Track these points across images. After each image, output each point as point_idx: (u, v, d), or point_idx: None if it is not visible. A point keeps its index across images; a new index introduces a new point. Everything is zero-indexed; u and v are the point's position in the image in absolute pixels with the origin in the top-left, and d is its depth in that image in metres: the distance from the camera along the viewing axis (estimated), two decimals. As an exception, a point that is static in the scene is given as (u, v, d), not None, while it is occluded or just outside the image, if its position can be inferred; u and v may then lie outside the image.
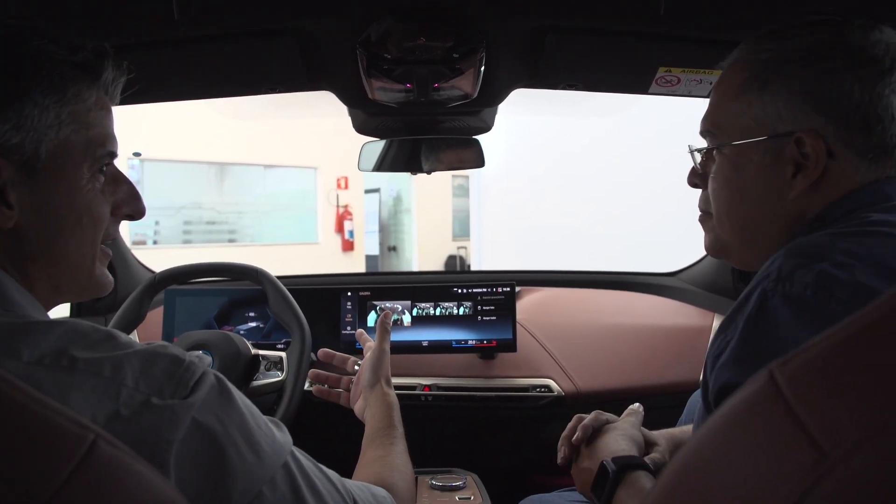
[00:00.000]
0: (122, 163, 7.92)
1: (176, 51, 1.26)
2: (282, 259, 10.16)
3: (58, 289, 0.75)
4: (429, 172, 1.75)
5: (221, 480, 0.63)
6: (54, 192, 0.71)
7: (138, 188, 0.82)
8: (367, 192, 12.35)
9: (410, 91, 1.39)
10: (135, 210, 0.81)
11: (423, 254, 12.74)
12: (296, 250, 11.09)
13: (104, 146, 0.75)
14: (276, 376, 1.61)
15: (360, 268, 12.12)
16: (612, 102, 1.56)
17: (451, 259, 12.76)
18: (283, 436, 0.72)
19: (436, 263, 12.76)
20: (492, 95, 1.49)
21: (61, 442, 0.48)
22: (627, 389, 1.79)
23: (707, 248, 1.01)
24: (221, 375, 0.69)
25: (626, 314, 2.08)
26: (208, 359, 0.70)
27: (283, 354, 1.64)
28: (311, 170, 11.21)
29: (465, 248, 12.33)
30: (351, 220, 11.77)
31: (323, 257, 11.36)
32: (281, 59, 1.32)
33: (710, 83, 1.35)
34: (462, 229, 12.42)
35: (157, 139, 9.45)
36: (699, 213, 1.01)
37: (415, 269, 12.66)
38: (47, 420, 0.48)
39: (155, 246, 10.46)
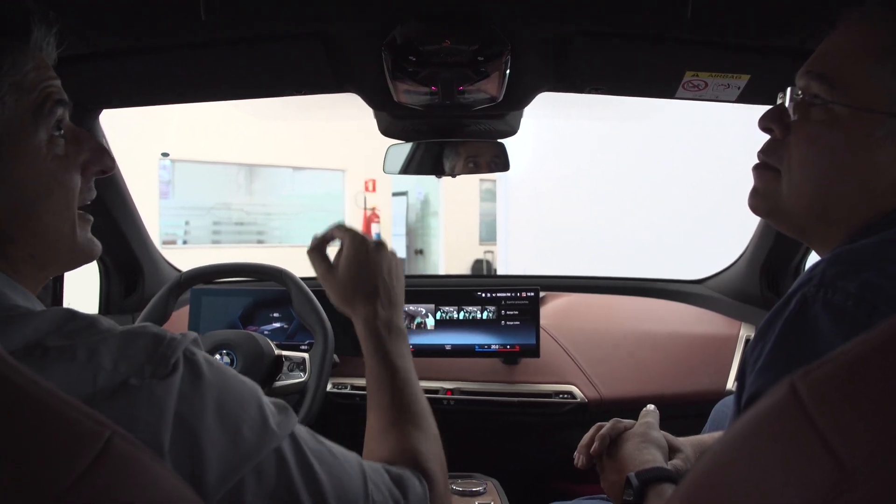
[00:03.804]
0: (152, 163, 8.00)
1: (202, 52, 1.27)
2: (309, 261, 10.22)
3: (43, 265, 0.74)
4: (453, 176, 1.74)
5: (196, 464, 0.60)
6: (15, 168, 0.68)
7: (169, 188, 0.79)
8: (394, 194, 12.39)
9: (435, 94, 1.39)
10: (104, 166, 0.78)
11: (449, 257, 12.73)
12: (323, 252, 11.13)
13: (49, 100, 0.71)
14: (299, 377, 1.62)
15: (387, 270, 12.12)
16: (642, 106, 1.55)
17: (478, 263, 12.74)
18: (281, 419, 0.67)
19: (462, 267, 12.74)
20: (517, 99, 1.48)
21: (77, 437, 0.48)
22: (651, 397, 1.75)
23: (754, 206, 0.88)
24: (206, 356, 0.66)
25: (652, 321, 2.05)
26: (193, 335, 0.66)
27: (305, 356, 1.64)
28: (338, 172, 11.26)
29: (491, 252, 12.30)
30: (378, 222, 11.80)
31: (350, 259, 11.38)
32: (306, 62, 1.32)
33: (738, 88, 1.33)
34: (489, 233, 12.39)
35: (188, 140, 9.57)
36: (757, 161, 0.88)
37: (441, 272, 12.66)
38: (64, 415, 0.48)
39: (185, 245, 10.58)
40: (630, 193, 6.62)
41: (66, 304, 1.91)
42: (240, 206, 10.99)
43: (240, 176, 11.02)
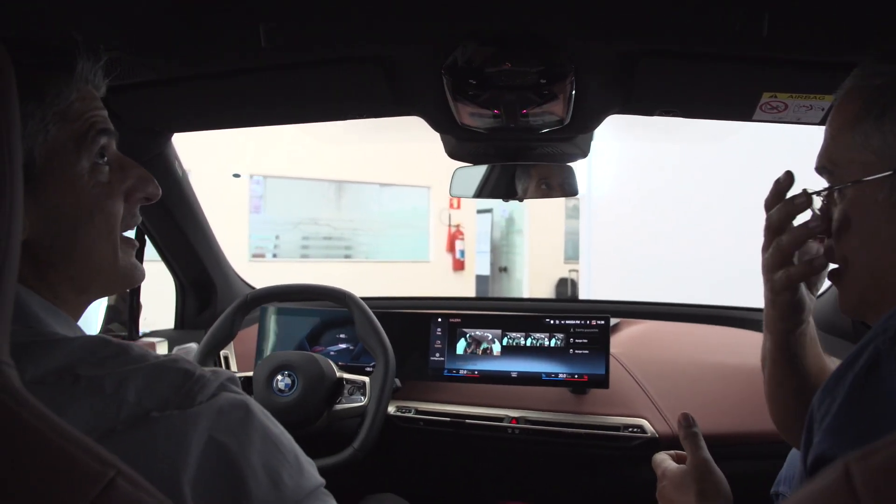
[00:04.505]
0: (244, 179, 8.30)
1: (263, 77, 1.29)
2: (394, 277, 10.36)
3: (84, 289, 0.75)
4: (521, 200, 1.71)
5: (239, 500, 0.61)
6: (58, 195, 0.70)
7: (261, 203, 0.80)
8: (479, 211, 12.40)
9: (498, 117, 1.36)
10: (149, 193, 0.80)
11: (534, 276, 12.62)
12: (408, 268, 11.26)
13: (93, 129, 0.73)
14: (359, 401, 1.61)
15: (471, 287, 12.15)
16: (728, 124, 1.47)
17: (563, 282, 12.57)
18: (311, 471, 0.70)
19: (547, 285, 12.61)
20: (585, 121, 1.43)
21: (80, 477, 0.47)
22: (728, 435, 1.67)
23: (843, 309, 0.87)
24: (248, 397, 0.67)
25: (732, 353, 1.94)
26: (229, 373, 0.67)
27: (366, 379, 1.63)
28: (424, 189, 11.36)
29: (576, 270, 12.13)
30: (462, 239, 11.83)
31: (434, 276, 11.47)
32: (366, 86, 1.32)
33: (822, 109, 1.24)
34: (575, 252, 12.22)
35: (279, 158, 9.88)
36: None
37: (525, 290, 12.56)
38: (68, 454, 0.48)
39: (274, 259, 10.88)
40: (719, 216, 6.39)
41: (144, 319, 1.97)
42: (327, 222, 11.24)
43: (329, 192, 11.28)
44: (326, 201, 11.28)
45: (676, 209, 7.12)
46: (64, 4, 1.01)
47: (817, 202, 0.87)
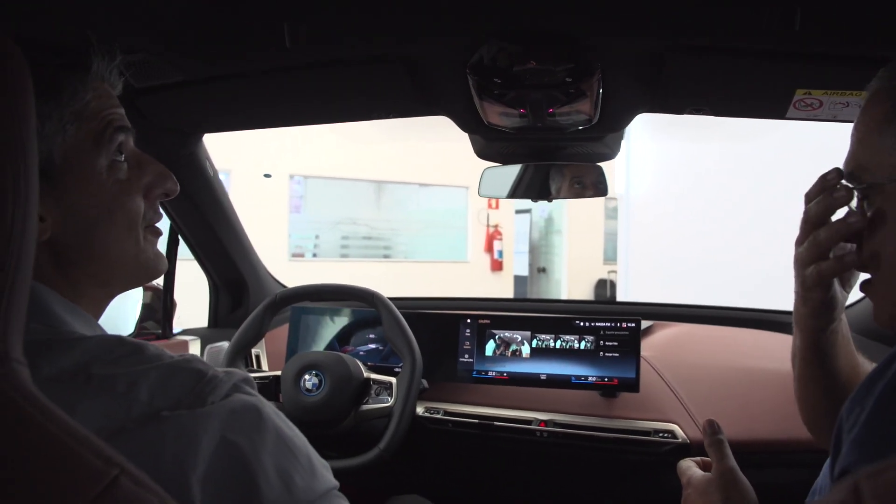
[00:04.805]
0: (284, 178, 8.42)
1: (289, 78, 1.30)
2: (432, 277, 10.39)
3: (107, 283, 0.76)
4: (550, 200, 1.69)
5: (250, 500, 0.61)
6: (78, 193, 0.71)
7: (301, 203, 0.80)
8: (517, 212, 12.36)
9: (525, 116, 1.34)
10: (167, 189, 0.81)
11: (573, 276, 12.53)
12: (446, 268, 11.28)
13: (110, 127, 0.74)
14: (386, 401, 1.61)
15: (509, 288, 12.12)
16: (766, 122, 1.42)
17: (602, 283, 12.46)
18: (324, 474, 0.70)
19: (586, 287, 12.51)
20: (613, 121, 1.41)
21: (84, 474, 0.48)
22: (762, 442, 1.62)
23: (878, 320, 0.83)
24: (261, 398, 0.67)
25: (768, 357, 1.89)
26: (243, 374, 0.67)
27: (393, 380, 1.63)
28: (462, 189, 11.37)
29: (615, 271, 12.03)
30: (500, 239, 11.80)
31: (472, 277, 11.46)
32: (391, 85, 1.32)
33: (860, 106, 1.19)
34: (614, 252, 12.12)
35: (319, 158, 9.97)
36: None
37: (564, 292, 12.48)
38: (73, 452, 0.49)
39: (314, 259, 10.99)
40: (757, 215, 6.25)
41: (177, 317, 2.00)
42: (366, 222, 11.32)
43: (369, 192, 11.35)
44: (366, 201, 11.36)
45: (715, 209, 7.00)
46: (91, 8, 1.02)
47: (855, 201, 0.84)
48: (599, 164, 1.64)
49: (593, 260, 12.55)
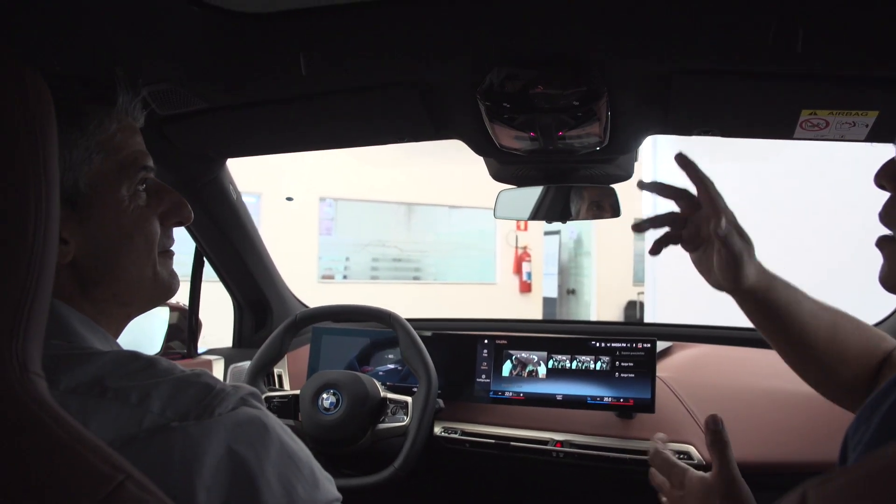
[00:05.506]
0: (314, 201, 8.48)
1: (306, 104, 1.34)
2: (461, 299, 10.38)
3: (127, 303, 0.80)
4: (564, 222, 1.71)
5: None
6: (101, 219, 0.75)
7: (332, 224, 0.84)
8: (546, 233, 12.32)
9: (536, 139, 1.37)
10: (182, 217, 0.85)
11: (602, 298, 12.43)
12: (475, 290, 11.27)
13: (136, 164, 0.78)
14: (402, 420, 1.63)
15: (538, 310, 12.06)
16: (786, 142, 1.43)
17: (632, 305, 12.34)
18: (327, 486, 0.72)
19: (616, 308, 12.40)
20: (623, 142, 1.43)
21: (90, 478, 0.51)
22: (781, 464, 1.61)
23: (883, 280, 0.80)
24: (267, 412, 0.70)
25: (787, 378, 1.84)
26: (250, 388, 0.70)
27: (409, 399, 1.65)
28: (491, 211, 11.35)
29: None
30: (529, 261, 11.78)
31: (501, 298, 11.44)
32: (404, 110, 1.35)
33: (866, 126, 1.20)
34: (644, 274, 12.01)
35: (351, 180, 10.07)
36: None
37: (593, 313, 12.38)
38: (80, 456, 0.52)
39: (344, 281, 11.06)
40: (782, 236, 6.16)
41: (203, 337, 2.05)
42: (395, 244, 11.37)
43: (399, 214, 11.42)
44: (396, 223, 11.43)
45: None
46: (118, 41, 1.08)
47: None
48: (613, 185, 1.65)
49: (623, 281, 12.44)
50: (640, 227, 1.09)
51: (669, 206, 1.09)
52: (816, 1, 0.98)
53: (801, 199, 5.92)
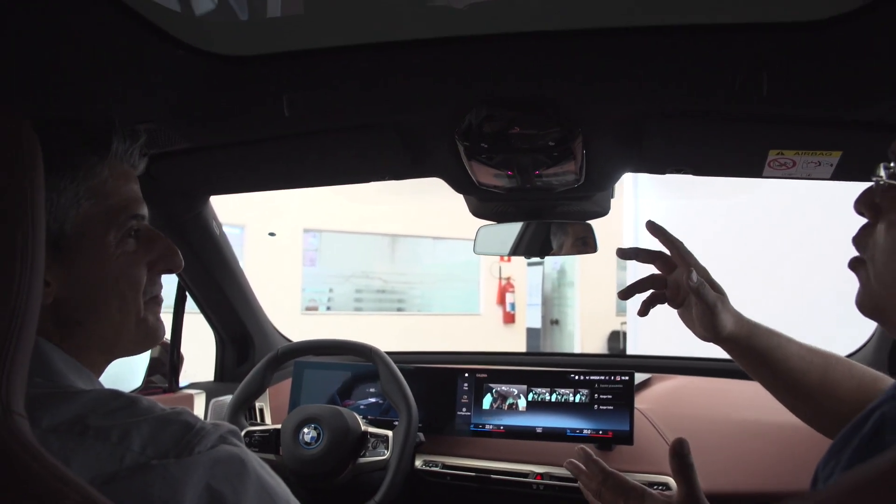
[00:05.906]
0: (298, 233, 8.48)
1: (289, 144, 1.37)
2: (445, 330, 10.36)
3: (109, 348, 0.81)
4: (543, 257, 1.74)
5: None
6: (85, 263, 0.76)
7: (316, 256, 0.84)
8: (529, 264, 12.38)
9: (514, 177, 1.40)
10: (172, 265, 0.85)
11: (586, 329, 12.47)
12: (458, 321, 11.26)
13: (126, 211, 0.79)
14: (383, 454, 1.64)
15: (521, 341, 12.06)
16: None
17: (615, 335, 12.38)
18: None
19: (599, 338, 12.43)
20: (599, 180, 1.47)
21: None
22: (759, 494, 1.63)
23: (858, 304, 0.80)
24: (245, 449, 0.71)
25: (765, 409, 1.88)
26: (230, 426, 0.71)
27: (389, 433, 1.66)
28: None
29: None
30: (513, 292, 11.80)
31: (485, 329, 11.43)
32: (384, 150, 1.38)
33: (831, 165, 1.24)
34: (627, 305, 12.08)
35: (334, 212, 10.08)
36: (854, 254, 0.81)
37: (577, 344, 12.40)
38: (62, 494, 0.52)
39: (328, 312, 11.02)
40: (762, 270, 6.24)
41: (185, 372, 2.05)
42: (379, 275, 11.37)
43: (383, 245, 11.43)
44: (380, 255, 11.44)
45: (721, 264, 6.99)
46: (103, 86, 1.10)
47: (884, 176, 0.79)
48: (590, 221, 1.69)
49: (606, 312, 12.49)
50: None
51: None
52: (778, 48, 1.02)
53: (781, 231, 6.01)
